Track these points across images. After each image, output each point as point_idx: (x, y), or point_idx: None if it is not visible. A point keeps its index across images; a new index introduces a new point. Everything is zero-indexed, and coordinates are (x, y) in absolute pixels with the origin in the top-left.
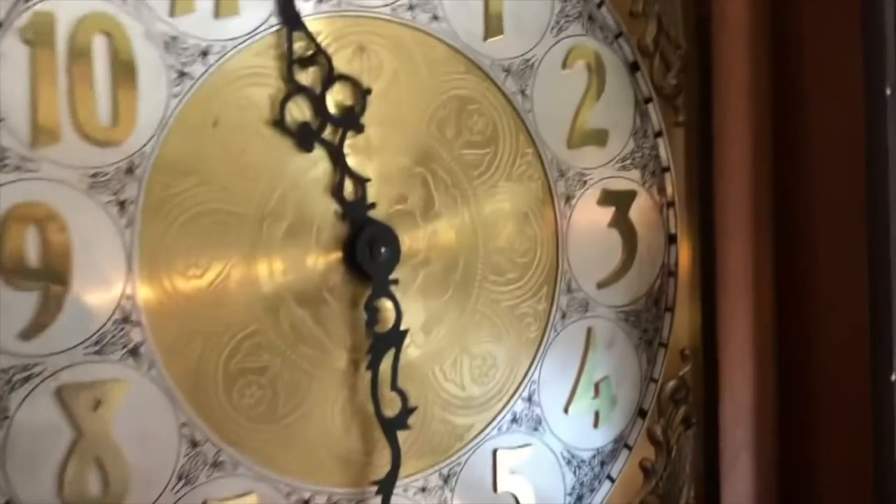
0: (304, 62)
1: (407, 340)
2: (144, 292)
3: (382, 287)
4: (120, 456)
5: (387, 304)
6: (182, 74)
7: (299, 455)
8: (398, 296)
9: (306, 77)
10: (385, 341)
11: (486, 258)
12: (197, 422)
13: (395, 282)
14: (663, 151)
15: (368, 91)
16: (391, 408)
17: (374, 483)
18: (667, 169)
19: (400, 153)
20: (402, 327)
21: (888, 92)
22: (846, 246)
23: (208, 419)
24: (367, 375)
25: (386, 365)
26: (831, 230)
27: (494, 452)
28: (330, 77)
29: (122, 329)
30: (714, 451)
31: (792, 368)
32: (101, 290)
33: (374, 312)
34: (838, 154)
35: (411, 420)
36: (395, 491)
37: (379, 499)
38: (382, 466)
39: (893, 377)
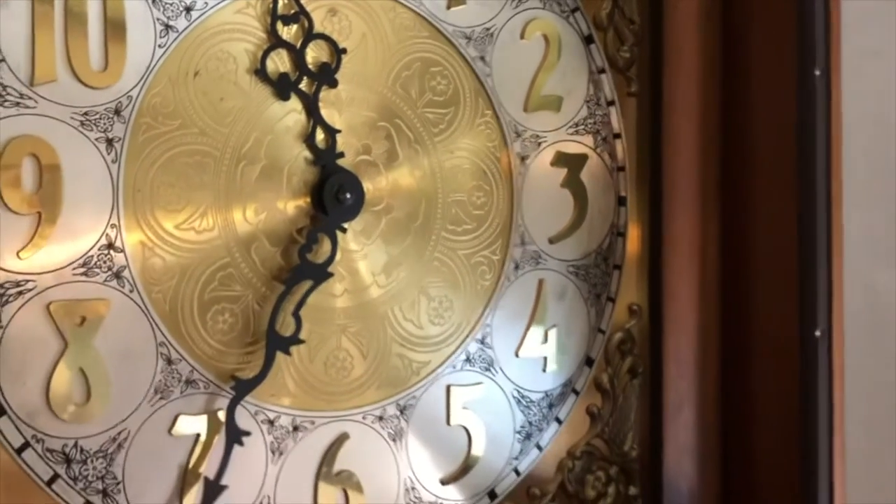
0: (286, 19)
1: (368, 280)
2: (128, 222)
3: (332, 226)
4: (102, 368)
5: (351, 268)
6: (167, 27)
7: (266, 379)
8: (341, 242)
9: (287, 33)
10: (309, 270)
11: (445, 209)
12: (173, 342)
13: (344, 230)
14: (615, 119)
15: (344, 50)
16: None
17: (234, 378)
18: (618, 136)
19: (366, 108)
20: (367, 285)
21: (817, 72)
22: (780, 215)
23: (183, 340)
24: (331, 312)
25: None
26: (767, 199)
27: (448, 388)
28: (309, 35)
29: (107, 254)
30: (658, 402)
31: (734, 327)
32: (89, 217)
33: (311, 242)
34: (775, 128)
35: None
36: (354, 417)
37: (340, 424)
38: (339, 396)
39: (817, 332)
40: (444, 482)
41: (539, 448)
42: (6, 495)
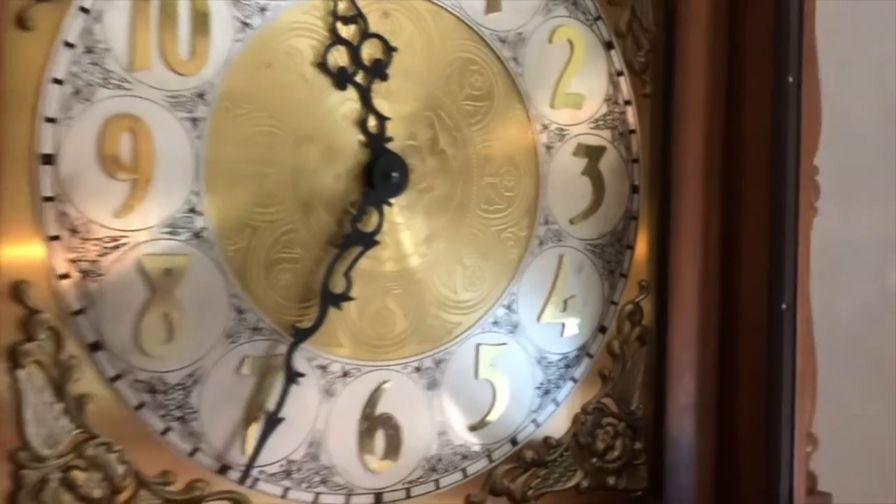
0: (346, 20)
1: (410, 250)
2: (208, 190)
3: (380, 200)
4: (182, 314)
5: (396, 238)
6: (245, 24)
7: (320, 330)
8: (387, 215)
9: (346, 32)
10: (359, 237)
11: (480, 190)
12: (243, 294)
13: (390, 204)
14: (631, 117)
15: (395, 49)
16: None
17: (293, 328)
18: (633, 132)
19: (413, 100)
20: (410, 254)
21: (790, 79)
22: (760, 205)
23: (252, 293)
24: (378, 276)
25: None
26: (752, 191)
27: (477, 347)
28: (365, 34)
29: (190, 217)
30: (662, 368)
31: (729, 303)
32: (175, 185)
33: (362, 213)
34: (760, 128)
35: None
36: (395, 367)
37: (383, 373)
38: (382, 349)
39: (783, 306)
40: (471, 428)
41: (556, 403)
42: (102, 416)
